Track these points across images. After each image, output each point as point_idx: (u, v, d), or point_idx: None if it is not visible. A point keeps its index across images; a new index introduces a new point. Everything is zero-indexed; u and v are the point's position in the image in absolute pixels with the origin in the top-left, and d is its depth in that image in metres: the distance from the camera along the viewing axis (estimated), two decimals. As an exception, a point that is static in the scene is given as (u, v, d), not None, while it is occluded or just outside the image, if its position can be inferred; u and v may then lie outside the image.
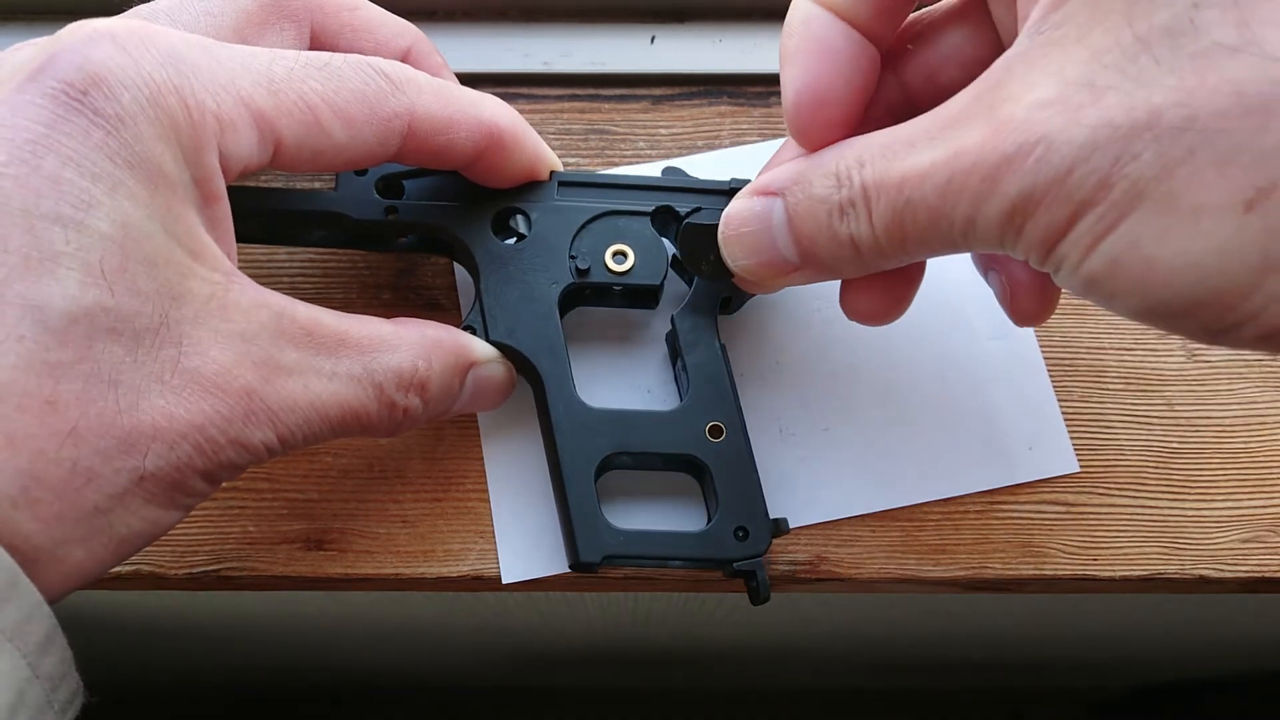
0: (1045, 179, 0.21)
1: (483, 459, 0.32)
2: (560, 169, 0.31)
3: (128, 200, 0.22)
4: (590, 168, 0.35)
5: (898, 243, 0.24)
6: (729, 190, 0.31)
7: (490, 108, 0.29)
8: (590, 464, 0.29)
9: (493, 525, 0.31)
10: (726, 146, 0.36)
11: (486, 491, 0.31)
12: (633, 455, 0.30)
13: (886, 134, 0.24)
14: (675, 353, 0.31)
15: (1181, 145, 0.19)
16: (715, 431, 0.30)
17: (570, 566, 0.29)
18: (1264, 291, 0.20)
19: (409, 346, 0.27)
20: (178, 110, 0.23)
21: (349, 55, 0.27)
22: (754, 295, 0.32)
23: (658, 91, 0.37)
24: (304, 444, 0.25)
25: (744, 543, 0.29)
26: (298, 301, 0.25)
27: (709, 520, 0.30)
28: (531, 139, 0.30)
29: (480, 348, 0.29)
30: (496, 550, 0.31)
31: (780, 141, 0.36)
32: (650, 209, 0.31)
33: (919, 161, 0.22)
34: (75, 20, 0.24)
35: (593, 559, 0.28)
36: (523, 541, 0.31)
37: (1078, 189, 0.20)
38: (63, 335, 0.22)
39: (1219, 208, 0.19)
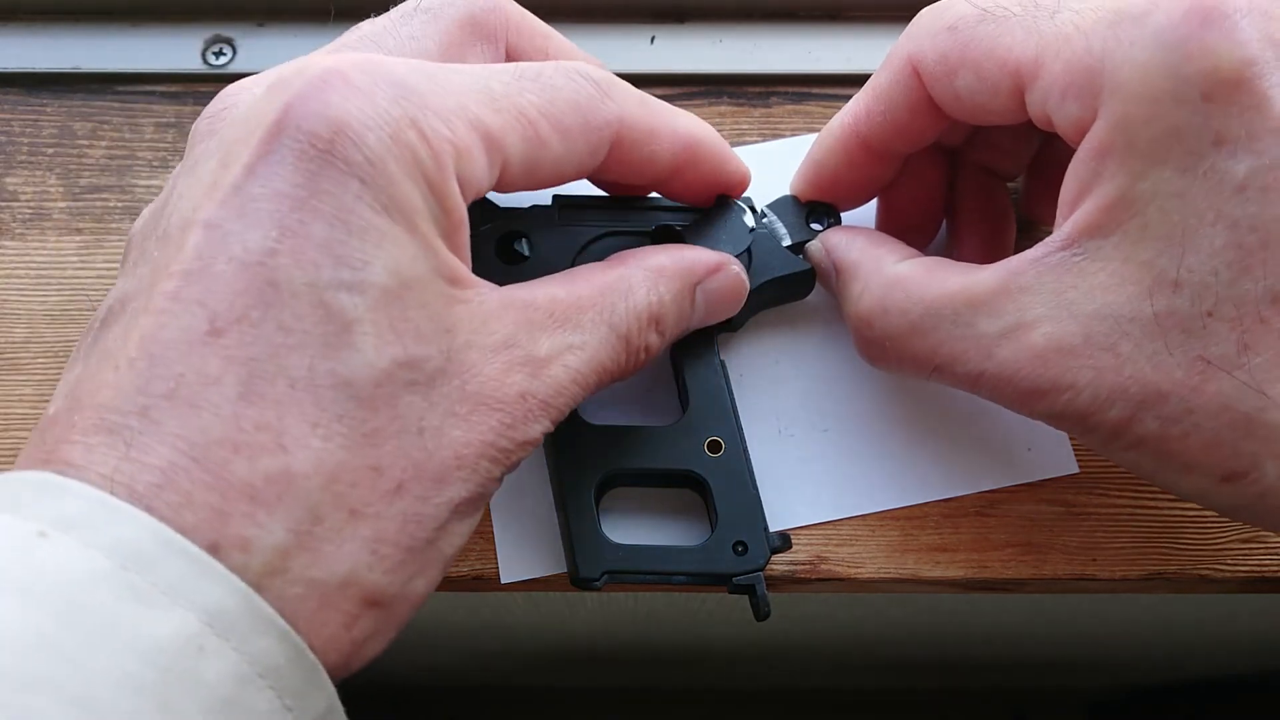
0: (1070, 413, 0.26)
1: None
2: (749, 181, 0.31)
3: (394, 247, 0.23)
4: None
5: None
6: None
7: (687, 119, 0.29)
8: (590, 480, 0.29)
9: (492, 525, 0.31)
10: (726, 146, 0.36)
11: (486, 491, 0.31)
12: (632, 472, 0.30)
13: (912, 282, 0.28)
14: (676, 369, 0.31)
15: (1180, 426, 0.25)
16: (714, 447, 0.30)
17: (571, 582, 0.29)
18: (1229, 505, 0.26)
19: (637, 283, 0.27)
20: (419, 144, 0.23)
21: (557, 63, 0.27)
22: (755, 314, 0.33)
23: (658, 92, 0.37)
24: (566, 414, 0.26)
25: (743, 557, 0.29)
26: (529, 286, 0.26)
27: (710, 535, 0.30)
28: (727, 152, 0.30)
29: (705, 261, 0.29)
30: (495, 550, 0.31)
31: (788, 141, 0.36)
32: (650, 228, 0.31)
33: (953, 339, 0.27)
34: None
35: (592, 575, 0.29)
36: (521, 541, 0.31)
37: (1097, 427, 0.26)
38: (372, 404, 0.22)
39: (1203, 474, 0.25)
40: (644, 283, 0.27)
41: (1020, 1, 0.27)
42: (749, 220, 0.31)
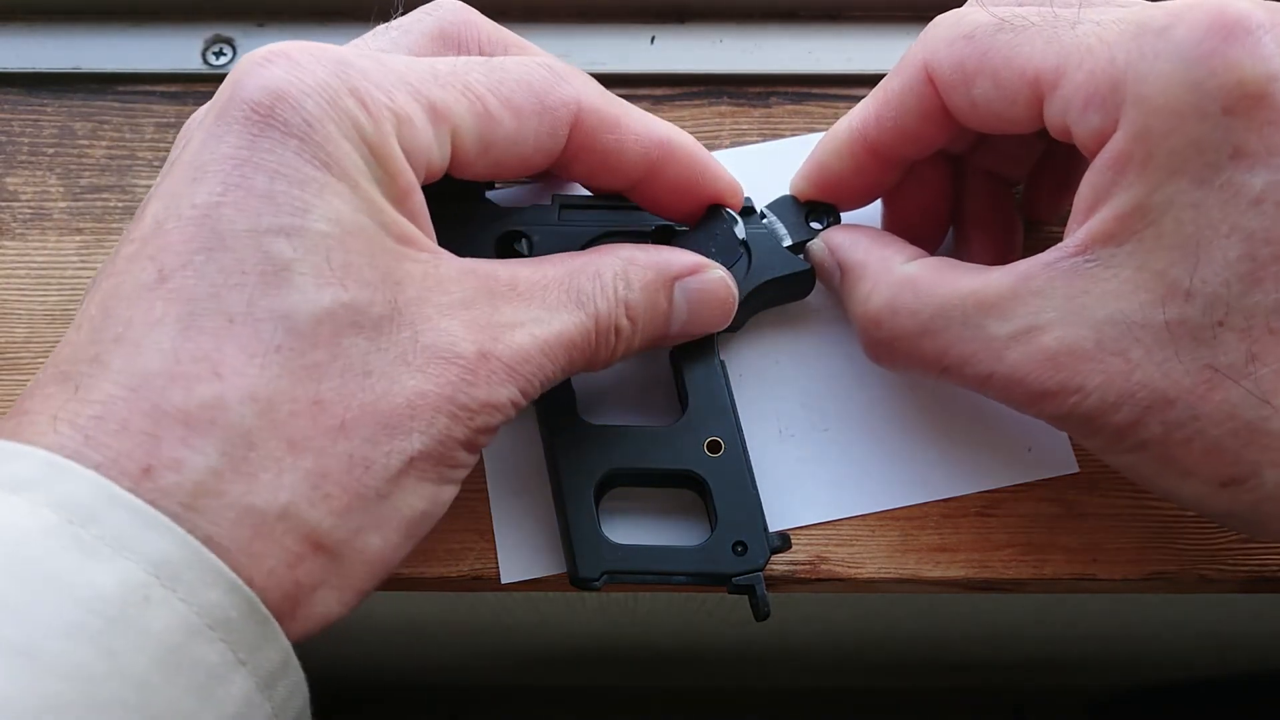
0: (1077, 415, 0.26)
1: (482, 458, 0.32)
2: (742, 200, 0.31)
3: (335, 198, 0.23)
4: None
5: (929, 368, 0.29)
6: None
7: (662, 122, 0.29)
8: (590, 481, 0.29)
9: (492, 525, 0.31)
10: (727, 147, 0.36)
11: (486, 491, 0.31)
12: (632, 472, 0.30)
13: (922, 282, 0.28)
14: (675, 369, 0.31)
15: (1184, 431, 0.25)
16: (714, 447, 0.30)
17: (571, 582, 0.29)
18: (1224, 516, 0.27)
19: (605, 267, 0.28)
20: (356, 110, 0.24)
21: (510, 56, 0.27)
22: (754, 314, 0.33)
23: (658, 91, 0.37)
24: (539, 391, 0.26)
25: (742, 558, 0.29)
26: (494, 261, 0.27)
27: (710, 535, 0.30)
28: (709, 158, 0.30)
29: (683, 260, 0.29)
30: (495, 550, 0.31)
31: (788, 141, 0.36)
32: (651, 229, 0.31)
33: (963, 342, 0.27)
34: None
35: (592, 575, 0.29)
36: (521, 542, 0.31)
37: (1101, 429, 0.26)
38: (313, 338, 0.22)
39: (1203, 479, 0.25)
40: (613, 267, 0.28)
41: (1039, 12, 0.27)
42: (740, 232, 0.31)
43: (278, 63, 0.24)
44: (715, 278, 0.30)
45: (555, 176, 0.30)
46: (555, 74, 0.27)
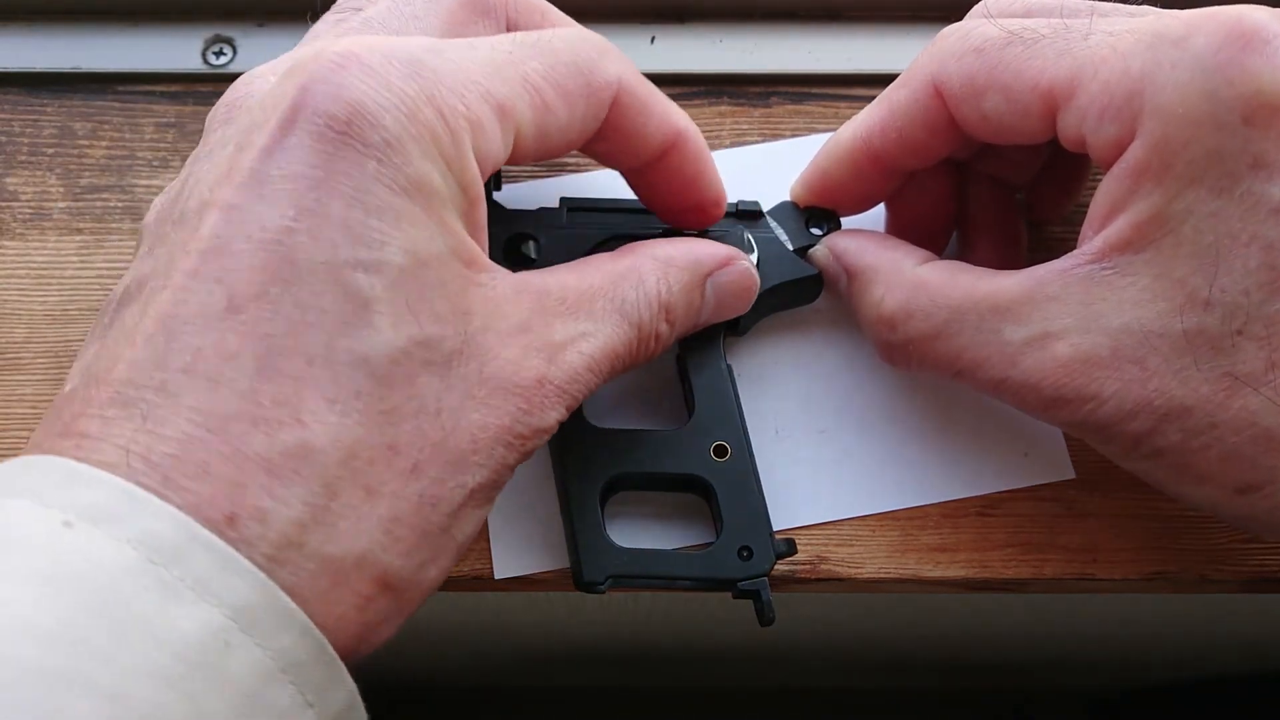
0: (1092, 423, 0.26)
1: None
2: (723, 203, 0.31)
3: (411, 227, 0.23)
4: (592, 169, 0.35)
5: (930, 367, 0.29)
6: (735, 212, 0.32)
7: (680, 112, 0.29)
8: (595, 484, 0.29)
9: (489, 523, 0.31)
10: (727, 146, 0.36)
11: (486, 491, 0.31)
12: (638, 476, 0.30)
13: (936, 285, 0.28)
14: (682, 372, 0.31)
15: (1201, 439, 0.25)
16: (720, 451, 0.30)
17: (575, 586, 0.29)
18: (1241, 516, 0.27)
19: (647, 273, 0.27)
20: (435, 121, 0.23)
21: (555, 29, 0.27)
22: (762, 319, 0.33)
23: (658, 91, 0.37)
24: (579, 404, 0.26)
25: (748, 563, 0.29)
26: (542, 273, 0.26)
27: (715, 540, 0.30)
28: (710, 161, 0.30)
29: (715, 254, 0.29)
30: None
31: (789, 142, 0.36)
32: (658, 232, 0.31)
33: (972, 348, 0.27)
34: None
35: (597, 579, 0.29)
36: (516, 537, 0.31)
37: (1117, 437, 0.26)
38: (389, 381, 0.22)
39: (1219, 485, 0.25)
40: (654, 272, 0.27)
41: (1049, 24, 0.27)
42: (754, 258, 0.31)
43: (352, 69, 0.23)
44: (743, 269, 0.30)
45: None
46: (599, 51, 0.27)
